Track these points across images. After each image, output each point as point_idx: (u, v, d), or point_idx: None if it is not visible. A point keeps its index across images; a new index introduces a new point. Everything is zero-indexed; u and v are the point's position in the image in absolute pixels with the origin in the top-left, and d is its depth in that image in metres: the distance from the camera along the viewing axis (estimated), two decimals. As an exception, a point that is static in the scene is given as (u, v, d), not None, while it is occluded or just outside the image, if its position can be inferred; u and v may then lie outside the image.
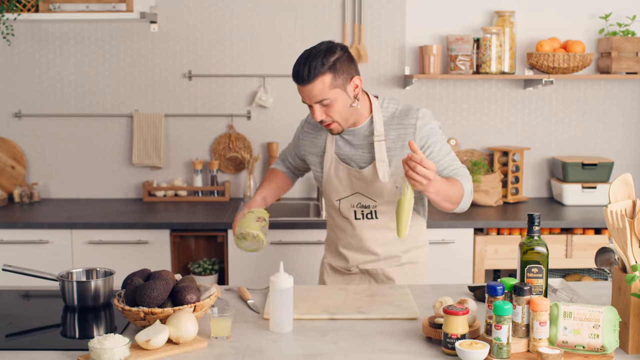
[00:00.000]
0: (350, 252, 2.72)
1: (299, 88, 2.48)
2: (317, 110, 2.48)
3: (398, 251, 2.70)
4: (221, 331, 2.00)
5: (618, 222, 1.92)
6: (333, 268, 2.80)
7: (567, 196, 4.16)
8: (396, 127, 2.56)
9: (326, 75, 2.43)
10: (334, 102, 2.47)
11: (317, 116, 2.48)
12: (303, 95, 2.48)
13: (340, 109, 2.49)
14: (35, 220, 3.73)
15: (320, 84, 2.43)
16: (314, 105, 2.47)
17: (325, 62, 2.43)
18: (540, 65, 4.10)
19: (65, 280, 2.28)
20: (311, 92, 2.44)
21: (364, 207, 2.64)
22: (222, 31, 4.29)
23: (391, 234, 2.65)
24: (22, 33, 4.27)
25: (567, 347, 1.87)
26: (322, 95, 2.44)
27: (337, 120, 2.51)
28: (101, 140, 4.36)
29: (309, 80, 2.42)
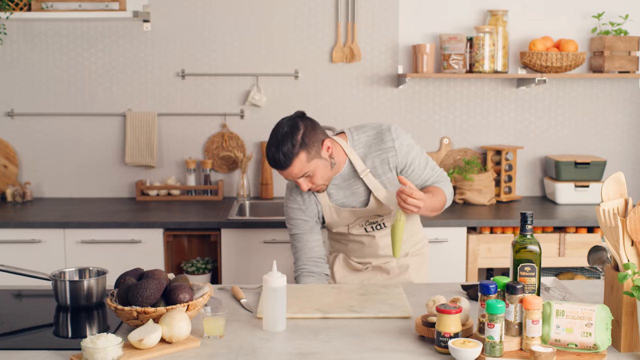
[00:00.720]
0: (365, 259, 2.83)
1: (279, 171, 2.60)
2: (303, 183, 2.61)
3: (409, 249, 2.85)
4: (214, 330, 2.00)
5: (610, 220, 1.93)
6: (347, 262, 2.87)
7: (560, 195, 4.17)
8: (376, 153, 2.69)
9: (300, 153, 2.55)
10: (315, 171, 2.60)
11: (303, 187, 2.62)
12: (285, 176, 2.61)
13: (322, 174, 2.62)
14: (28, 220, 3.72)
15: (299, 163, 2.55)
16: (299, 180, 2.60)
17: (295, 143, 2.54)
18: (533, 64, 4.11)
19: (58, 280, 2.27)
20: (292, 173, 2.58)
21: (372, 223, 2.76)
22: (215, 30, 4.28)
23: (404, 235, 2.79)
24: (14, 32, 4.25)
25: (560, 345, 1.87)
26: (303, 171, 2.58)
27: (322, 182, 2.64)
28: (94, 139, 4.35)
29: (287, 166, 2.56)
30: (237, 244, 3.72)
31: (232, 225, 3.70)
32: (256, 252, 3.71)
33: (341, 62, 4.29)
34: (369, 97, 4.33)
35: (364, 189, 2.70)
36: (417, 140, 4.33)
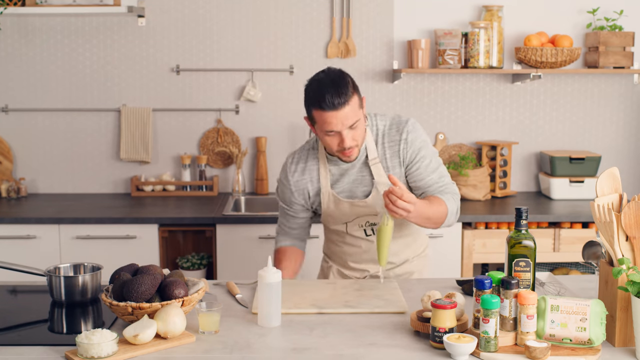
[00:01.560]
0: (364, 265, 2.70)
1: (328, 115, 2.35)
2: (348, 136, 2.39)
3: (409, 253, 2.73)
4: (209, 326, 2.00)
5: (605, 216, 1.93)
6: (341, 273, 2.76)
7: (555, 190, 4.18)
8: (388, 144, 2.54)
9: (354, 95, 2.38)
10: (359, 124, 2.41)
11: (348, 142, 2.39)
12: (335, 122, 2.35)
13: (362, 130, 2.44)
14: (23, 216, 3.72)
15: (353, 104, 2.37)
16: (344, 131, 2.38)
17: (348, 82, 2.38)
18: (528, 60, 4.11)
19: (53, 276, 2.27)
20: (346, 116, 2.35)
21: (372, 224, 2.61)
22: (210, 25, 4.27)
23: (404, 240, 2.69)
24: (8, 27, 4.24)
25: (555, 340, 1.87)
26: (355, 117, 2.38)
27: (360, 143, 2.46)
28: (89, 134, 4.34)
29: (343, 104, 2.34)
30: (232, 240, 3.72)
31: (228, 221, 3.70)
32: (251, 247, 3.71)
33: (336, 58, 4.29)
34: (364, 92, 4.32)
35: (370, 178, 2.55)
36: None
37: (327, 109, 2.34)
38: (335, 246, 2.74)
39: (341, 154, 2.46)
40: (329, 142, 2.43)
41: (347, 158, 2.48)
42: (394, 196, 2.24)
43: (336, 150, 2.45)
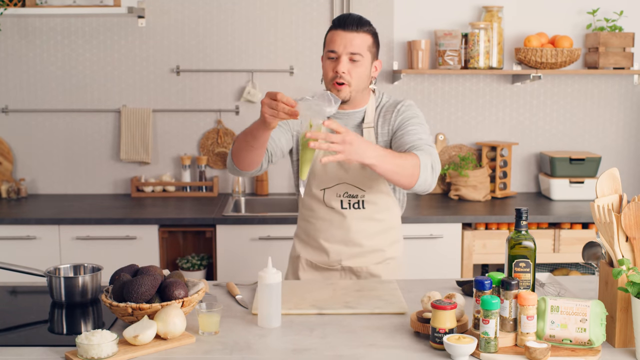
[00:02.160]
0: (334, 245, 2.64)
1: (336, 34, 2.45)
2: (345, 62, 2.44)
3: (383, 244, 2.67)
4: (209, 326, 2.00)
5: (605, 216, 1.93)
6: (311, 264, 2.70)
7: (555, 191, 4.18)
8: (383, 115, 2.57)
9: (369, 35, 2.48)
10: (361, 64, 2.46)
11: (342, 66, 2.43)
12: (338, 42, 2.44)
13: (361, 74, 2.48)
14: (23, 216, 3.72)
15: (364, 38, 2.46)
16: (343, 56, 2.44)
17: (372, 27, 2.50)
18: (528, 61, 4.11)
19: (53, 276, 2.27)
20: (352, 40, 2.44)
21: (351, 196, 2.58)
22: (210, 26, 4.28)
23: (378, 225, 2.63)
24: (8, 28, 4.24)
25: (555, 341, 1.87)
26: (360, 49, 2.45)
27: (354, 84, 2.47)
28: (89, 135, 4.34)
29: (356, 30, 2.44)
30: (232, 240, 3.72)
31: (228, 222, 3.70)
32: (251, 248, 3.71)
33: (336, 58, 4.28)
34: (364, 93, 4.32)
35: None
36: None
37: (338, 27, 2.46)
38: (307, 223, 2.68)
39: (333, 85, 2.47)
40: (327, 66, 2.48)
41: (337, 92, 2.47)
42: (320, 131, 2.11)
43: (330, 79, 2.48)
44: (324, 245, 2.65)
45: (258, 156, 2.41)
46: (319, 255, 2.68)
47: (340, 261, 2.65)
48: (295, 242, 2.77)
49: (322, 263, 2.68)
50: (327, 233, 2.64)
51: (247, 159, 2.42)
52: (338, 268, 2.66)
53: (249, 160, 2.43)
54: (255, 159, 2.43)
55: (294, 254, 2.77)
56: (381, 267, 2.67)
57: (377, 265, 2.66)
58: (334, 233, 2.63)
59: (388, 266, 2.69)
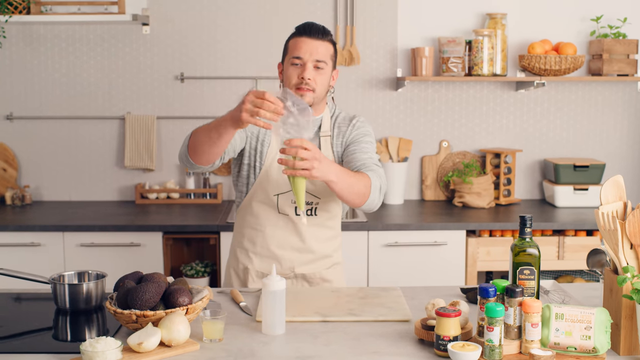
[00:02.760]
0: (287, 252, 2.62)
1: (302, 41, 2.51)
2: (310, 68, 2.49)
3: (330, 249, 2.69)
4: (213, 334, 2.00)
5: (609, 223, 1.93)
6: (262, 274, 2.65)
7: (559, 198, 4.17)
8: (338, 127, 2.63)
9: (332, 45, 2.56)
10: (325, 72, 2.52)
11: (308, 73, 2.48)
12: (304, 49, 2.49)
13: (324, 82, 2.53)
14: (27, 223, 3.72)
15: (328, 47, 2.53)
16: (309, 63, 2.49)
17: (331, 35, 2.57)
18: (532, 68, 4.12)
19: (57, 283, 2.27)
20: (318, 48, 2.50)
21: (305, 203, 2.55)
22: (214, 33, 4.29)
23: (328, 232, 2.66)
24: (13, 35, 4.25)
25: (559, 348, 1.87)
26: (324, 57, 2.51)
27: (317, 91, 2.51)
28: (93, 142, 4.35)
29: (322, 38, 2.51)
30: (236, 247, 3.71)
31: (232, 229, 3.70)
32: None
33: (340, 66, 4.29)
34: (368, 100, 4.33)
35: None
36: (415, 143, 4.35)
37: (303, 34, 2.52)
38: (254, 232, 2.64)
39: (297, 89, 2.50)
40: (291, 72, 2.51)
41: (300, 96, 2.48)
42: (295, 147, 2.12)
43: (294, 84, 2.51)
44: (276, 252, 2.62)
45: (217, 153, 2.37)
46: (270, 264, 2.62)
47: (293, 268, 2.64)
48: (238, 253, 2.71)
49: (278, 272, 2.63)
50: (281, 240, 2.62)
51: (205, 154, 2.36)
52: (290, 276, 2.65)
53: (207, 155, 2.37)
54: (213, 156, 2.38)
55: (239, 265, 2.70)
56: (331, 272, 2.70)
57: (327, 270, 2.69)
58: (287, 239, 2.62)
59: (335, 271, 2.72)
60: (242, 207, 2.68)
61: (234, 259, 2.74)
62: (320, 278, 2.67)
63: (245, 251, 2.69)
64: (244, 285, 2.69)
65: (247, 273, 2.68)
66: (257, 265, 2.66)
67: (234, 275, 2.74)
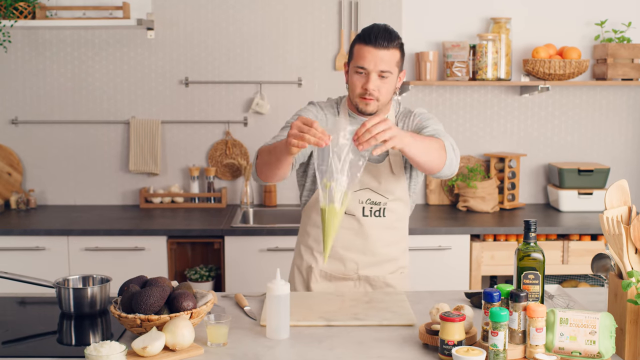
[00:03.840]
0: (351, 254, 2.59)
1: (366, 50, 2.41)
2: (374, 79, 2.42)
3: (397, 253, 2.65)
4: (218, 338, 2.00)
5: (614, 228, 1.92)
6: (325, 274, 2.64)
7: (564, 202, 4.17)
8: (403, 122, 2.58)
9: (398, 51, 2.46)
10: (390, 80, 2.45)
11: (371, 84, 2.42)
12: (369, 59, 2.41)
13: (389, 90, 2.47)
14: (32, 227, 3.73)
15: (394, 54, 2.44)
16: (373, 74, 2.42)
17: (400, 40, 2.47)
18: (536, 72, 4.11)
19: (62, 287, 2.28)
20: (383, 58, 2.41)
21: (373, 203, 2.55)
22: (218, 38, 4.29)
23: (397, 233, 2.62)
24: (19, 40, 4.27)
25: (564, 353, 1.87)
26: (389, 66, 2.43)
27: (381, 99, 2.46)
28: (98, 146, 4.36)
29: (387, 46, 2.41)
30: (240, 252, 3.72)
31: (236, 233, 3.70)
32: (260, 259, 3.71)
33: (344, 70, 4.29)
34: (372, 104, 4.33)
35: None
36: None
37: (368, 43, 2.42)
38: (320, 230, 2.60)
39: (361, 98, 2.46)
40: (355, 80, 2.46)
41: (364, 106, 2.47)
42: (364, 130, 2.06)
43: (358, 94, 2.47)
44: (341, 253, 2.59)
45: (282, 174, 2.39)
46: (334, 265, 2.61)
47: (357, 270, 2.61)
48: (303, 251, 2.69)
49: (337, 272, 2.63)
50: (346, 241, 2.58)
51: (271, 175, 2.40)
52: (354, 277, 2.62)
53: (273, 177, 2.40)
54: (279, 176, 2.40)
55: (304, 264, 2.68)
56: (396, 277, 2.66)
57: (392, 275, 2.65)
58: (352, 241, 2.59)
59: (402, 275, 2.68)
60: (309, 205, 2.65)
61: (299, 257, 2.71)
62: (383, 282, 2.63)
63: (309, 250, 2.67)
64: (307, 284, 2.67)
65: (310, 272, 2.66)
66: (321, 265, 2.64)
67: (297, 273, 2.71)
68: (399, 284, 2.67)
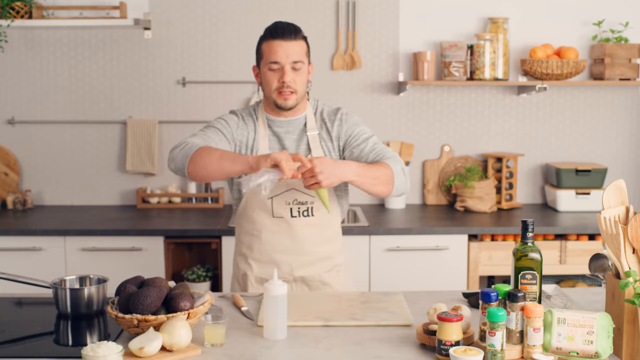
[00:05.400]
0: (284, 256, 2.61)
1: (276, 44, 2.51)
2: (290, 72, 2.52)
3: (331, 251, 2.67)
4: (215, 338, 2.00)
5: (611, 228, 1.92)
6: (261, 280, 2.64)
7: (561, 202, 4.17)
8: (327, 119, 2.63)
9: (304, 42, 2.57)
10: (303, 71, 2.54)
11: (288, 76, 2.51)
12: (280, 52, 2.50)
13: (303, 81, 2.55)
14: (29, 227, 3.72)
15: (302, 45, 2.55)
16: (287, 66, 2.51)
17: (301, 31, 2.58)
18: (533, 72, 4.11)
19: (59, 288, 2.27)
20: (293, 49, 2.51)
21: (300, 203, 2.57)
22: (216, 37, 4.29)
23: (327, 232, 2.64)
24: (15, 39, 4.26)
25: (561, 353, 1.87)
26: (300, 56, 2.53)
27: (298, 91, 2.54)
28: (95, 146, 4.35)
29: (295, 38, 2.52)
30: (237, 252, 3.71)
31: (233, 233, 3.69)
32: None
33: (342, 70, 4.29)
34: (370, 104, 4.33)
35: (305, 147, 2.59)
36: (417, 147, 4.35)
37: (276, 37, 2.53)
38: (251, 238, 2.64)
39: (279, 94, 2.54)
40: (270, 78, 2.54)
41: (283, 101, 2.55)
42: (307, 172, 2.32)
43: (275, 88, 2.54)
44: (273, 257, 2.62)
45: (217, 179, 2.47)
46: (268, 269, 2.63)
47: (291, 272, 2.63)
48: (238, 259, 2.72)
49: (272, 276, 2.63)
50: (276, 244, 2.61)
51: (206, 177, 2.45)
52: (290, 280, 2.64)
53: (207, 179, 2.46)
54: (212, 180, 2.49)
55: (239, 272, 2.70)
56: (332, 275, 2.68)
57: (328, 273, 2.67)
58: (283, 243, 2.61)
59: (338, 273, 2.70)
60: (239, 213, 2.69)
61: (235, 267, 2.75)
62: (320, 281, 2.66)
63: (244, 257, 2.69)
64: (245, 291, 2.68)
65: (246, 279, 2.68)
66: (256, 271, 2.66)
67: (235, 282, 2.75)
68: (336, 281, 2.69)
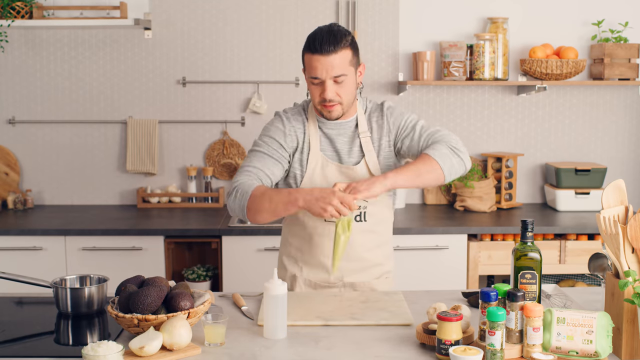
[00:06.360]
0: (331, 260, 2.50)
1: (315, 59, 2.34)
2: (331, 87, 2.37)
3: (381, 258, 2.61)
4: (215, 338, 2.00)
5: (611, 228, 1.93)
6: (310, 283, 2.59)
7: (561, 202, 4.17)
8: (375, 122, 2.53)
9: (348, 49, 2.37)
10: (347, 81, 2.39)
11: (328, 93, 2.37)
12: (320, 68, 2.34)
13: (349, 90, 2.41)
14: (29, 227, 3.73)
15: (344, 56, 2.36)
16: (327, 81, 2.36)
17: (348, 37, 2.38)
18: (533, 72, 4.12)
19: (59, 287, 2.27)
20: (333, 63, 2.33)
21: None
22: (216, 38, 4.29)
23: (378, 237, 2.58)
24: (16, 39, 4.26)
25: (561, 352, 1.87)
26: (342, 69, 2.35)
27: (344, 102, 2.42)
28: (95, 146, 4.36)
29: (334, 50, 2.33)
30: (238, 251, 3.72)
31: (233, 233, 3.70)
32: (257, 259, 3.71)
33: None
34: (370, 104, 4.33)
35: (358, 151, 2.50)
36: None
37: (315, 52, 2.35)
38: (301, 240, 2.58)
39: (322, 106, 2.43)
40: (313, 90, 2.42)
41: (328, 113, 2.43)
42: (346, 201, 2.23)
43: (318, 102, 2.43)
44: (324, 261, 2.54)
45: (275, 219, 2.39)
46: (319, 273, 2.57)
47: (342, 277, 2.57)
48: (286, 261, 2.64)
49: (322, 281, 2.58)
50: (327, 248, 2.52)
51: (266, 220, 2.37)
52: (339, 285, 2.58)
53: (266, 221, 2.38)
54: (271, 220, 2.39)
55: (287, 274, 2.63)
56: (381, 282, 2.62)
57: (377, 280, 2.61)
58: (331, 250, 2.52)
59: (387, 280, 2.64)
60: (288, 215, 2.59)
61: (282, 269, 2.66)
62: (369, 288, 2.58)
63: (293, 260, 2.62)
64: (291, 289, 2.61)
65: (295, 281, 2.61)
66: (305, 274, 2.59)
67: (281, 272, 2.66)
68: (385, 289, 2.63)
